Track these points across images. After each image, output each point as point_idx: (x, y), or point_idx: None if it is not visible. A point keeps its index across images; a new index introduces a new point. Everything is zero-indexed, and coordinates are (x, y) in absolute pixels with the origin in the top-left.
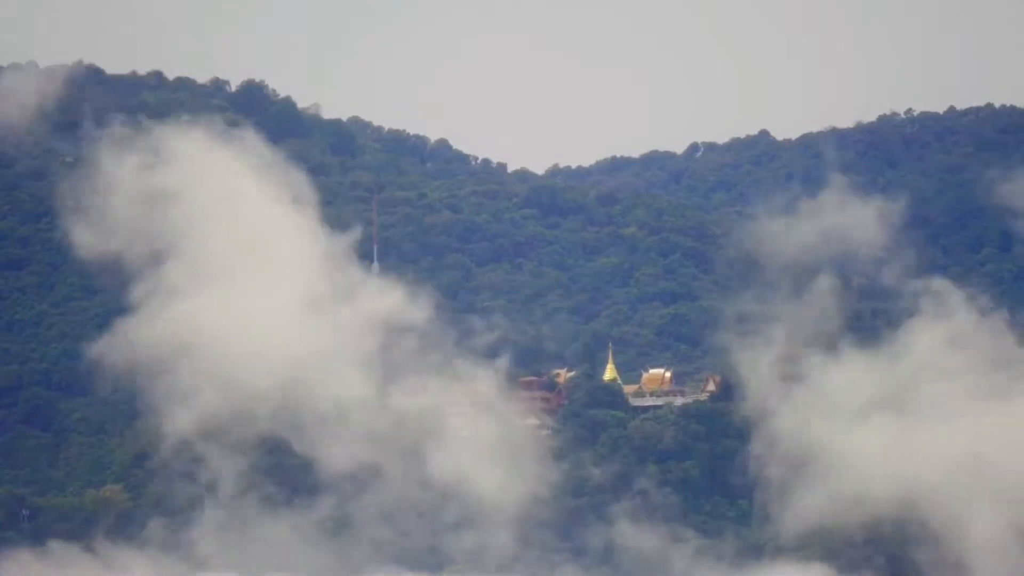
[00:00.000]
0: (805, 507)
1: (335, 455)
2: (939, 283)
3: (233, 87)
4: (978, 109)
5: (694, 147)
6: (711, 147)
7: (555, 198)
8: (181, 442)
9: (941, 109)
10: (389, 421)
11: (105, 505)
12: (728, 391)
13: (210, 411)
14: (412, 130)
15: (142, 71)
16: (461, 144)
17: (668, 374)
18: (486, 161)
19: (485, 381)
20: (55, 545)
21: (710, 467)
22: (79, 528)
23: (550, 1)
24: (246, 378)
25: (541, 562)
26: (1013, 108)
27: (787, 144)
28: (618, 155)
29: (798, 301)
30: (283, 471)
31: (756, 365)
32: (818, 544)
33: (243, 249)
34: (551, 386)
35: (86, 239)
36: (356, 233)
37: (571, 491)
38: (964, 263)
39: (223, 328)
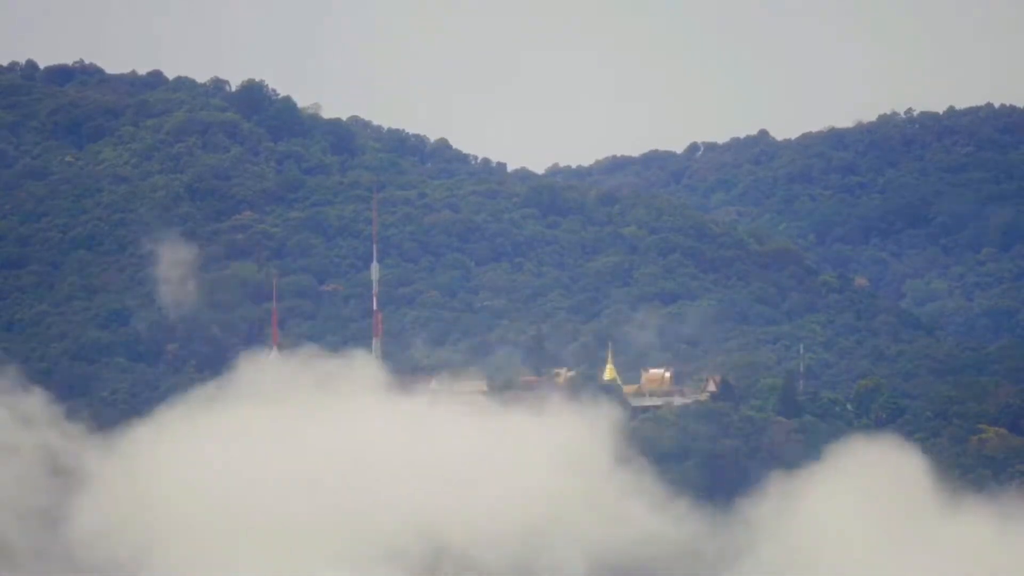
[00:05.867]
0: None
1: None
2: None
3: (233, 87)
4: (978, 109)
5: (694, 147)
6: (711, 147)
7: (555, 198)
8: None
9: (941, 109)
10: None
11: None
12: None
13: None
14: (412, 130)
15: (142, 71)
16: (461, 144)
17: (668, 374)
18: (486, 161)
19: None
20: None
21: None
22: None
23: (550, 2)
24: None
25: None
26: (1013, 108)
27: (787, 144)
28: (618, 155)
29: None
30: None
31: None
32: None
33: None
34: (551, 386)
35: None
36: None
37: None
38: (964, 263)
39: None
